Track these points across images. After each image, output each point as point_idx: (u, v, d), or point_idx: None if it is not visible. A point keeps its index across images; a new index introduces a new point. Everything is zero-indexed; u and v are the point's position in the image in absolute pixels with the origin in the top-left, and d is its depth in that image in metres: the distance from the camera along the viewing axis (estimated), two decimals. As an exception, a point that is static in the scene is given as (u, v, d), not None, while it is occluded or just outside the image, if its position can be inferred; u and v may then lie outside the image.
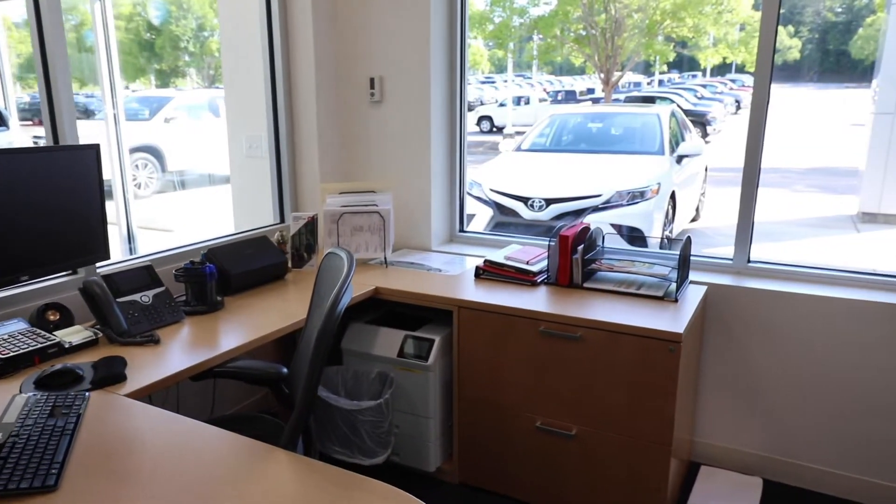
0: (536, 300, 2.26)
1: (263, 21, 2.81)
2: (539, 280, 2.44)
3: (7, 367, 1.66)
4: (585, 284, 2.39)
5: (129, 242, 4.10)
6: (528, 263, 2.49)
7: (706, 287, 2.41)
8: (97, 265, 2.16)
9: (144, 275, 2.10)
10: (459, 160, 3.02)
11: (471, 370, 2.33)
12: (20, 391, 1.56)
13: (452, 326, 2.35)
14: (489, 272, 2.50)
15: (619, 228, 4.79)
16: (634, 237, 4.83)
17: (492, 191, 5.20)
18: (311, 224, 2.66)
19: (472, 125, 13.75)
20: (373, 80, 2.89)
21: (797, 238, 6.47)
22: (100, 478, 1.22)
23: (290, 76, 2.88)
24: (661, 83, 16.21)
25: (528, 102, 13.93)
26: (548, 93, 15.43)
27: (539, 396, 2.23)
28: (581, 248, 2.38)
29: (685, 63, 15.75)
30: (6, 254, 1.77)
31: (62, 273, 2.07)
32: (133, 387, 1.60)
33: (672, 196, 5.26)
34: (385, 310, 2.67)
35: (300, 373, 1.63)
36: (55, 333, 1.82)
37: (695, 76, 16.91)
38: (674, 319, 2.07)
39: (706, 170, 6.73)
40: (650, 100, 11.41)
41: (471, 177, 5.32)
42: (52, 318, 1.90)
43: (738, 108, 13.96)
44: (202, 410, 2.60)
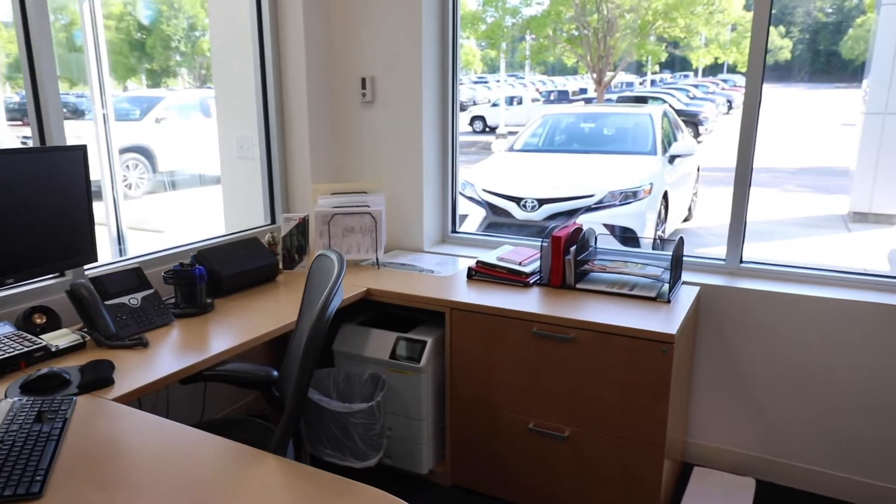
0: (529, 301, 2.25)
1: (254, 21, 2.80)
2: (531, 281, 2.43)
3: (-8, 372, 1.63)
4: (578, 285, 2.38)
5: (119, 244, 4.07)
6: (521, 264, 2.48)
7: (699, 288, 2.41)
8: (85, 267, 2.14)
9: (133, 277, 2.08)
10: (452, 161, 3.01)
11: (463, 372, 2.32)
12: (5, 396, 1.54)
13: (445, 328, 2.34)
14: (481, 273, 2.49)
15: (612, 229, 4.79)
16: (627, 237, 4.83)
17: (484, 191, 5.20)
18: (303, 225, 2.64)
19: (465, 125, 13.75)
20: (364, 81, 2.87)
21: (788, 238, 6.50)
22: (85, 484, 1.20)
23: (281, 76, 2.86)
24: (654, 83, 16.27)
25: (521, 102, 13.95)
26: (540, 93, 15.46)
27: (532, 398, 2.22)
28: (574, 249, 2.38)
29: (677, 63, 15.81)
30: (-8, 256, 1.75)
31: (49, 275, 2.05)
32: (121, 391, 1.58)
33: (664, 196, 5.27)
34: (377, 311, 2.66)
35: (291, 376, 1.62)
36: (42, 337, 1.80)
37: (687, 76, 16.99)
38: (666, 320, 2.06)
39: (698, 170, 6.75)
40: (642, 100, 11.44)
41: (463, 177, 5.31)
42: (39, 322, 1.88)
43: (730, 108, 14.03)
44: (192, 414, 2.58)
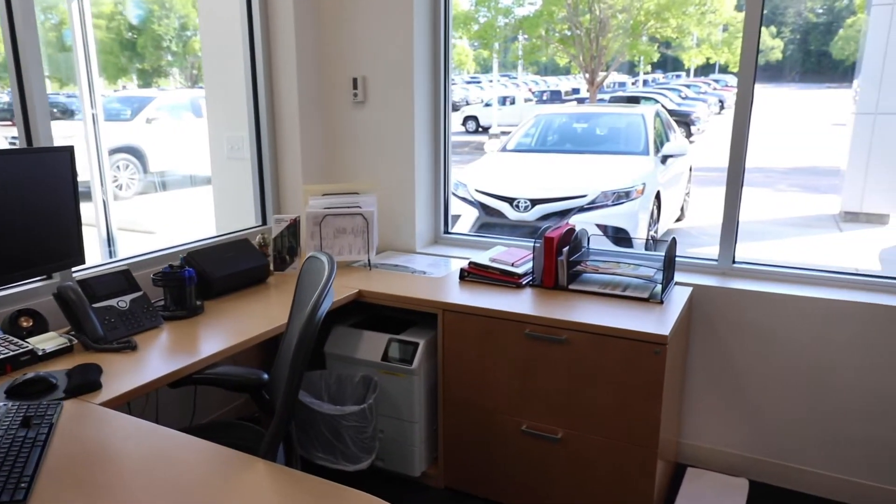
0: (522, 302, 2.24)
1: (244, 20, 2.77)
2: (524, 282, 2.42)
3: (-23, 376, 1.61)
4: (571, 286, 2.37)
5: (109, 245, 4.04)
6: (514, 265, 2.47)
7: (691, 288, 2.41)
8: (72, 270, 2.11)
9: (121, 279, 2.06)
10: (444, 161, 3.00)
11: (456, 373, 2.31)
12: (-10, 401, 1.51)
13: (437, 329, 2.32)
14: (474, 274, 2.48)
15: (605, 229, 4.79)
16: (620, 238, 4.83)
17: (477, 191, 5.19)
18: (294, 226, 2.62)
19: (458, 125, 13.75)
20: (356, 81, 2.86)
21: (780, 237, 6.52)
22: (71, 491, 1.18)
23: (272, 76, 2.84)
24: (646, 83, 16.32)
25: (514, 102, 13.97)
26: (533, 93, 15.48)
27: (525, 400, 2.21)
28: (566, 250, 2.37)
29: (669, 63, 15.86)
30: (-23, 259, 1.72)
31: (36, 278, 2.02)
32: (108, 395, 1.56)
33: (657, 196, 5.27)
34: (369, 313, 2.64)
35: (281, 379, 1.60)
36: (28, 340, 1.77)
37: (679, 76, 17.05)
38: (659, 321, 2.06)
39: (691, 170, 6.77)
40: (635, 100, 11.47)
41: (456, 177, 5.30)
42: (25, 325, 1.86)
43: (722, 108, 14.08)
44: (182, 418, 2.56)
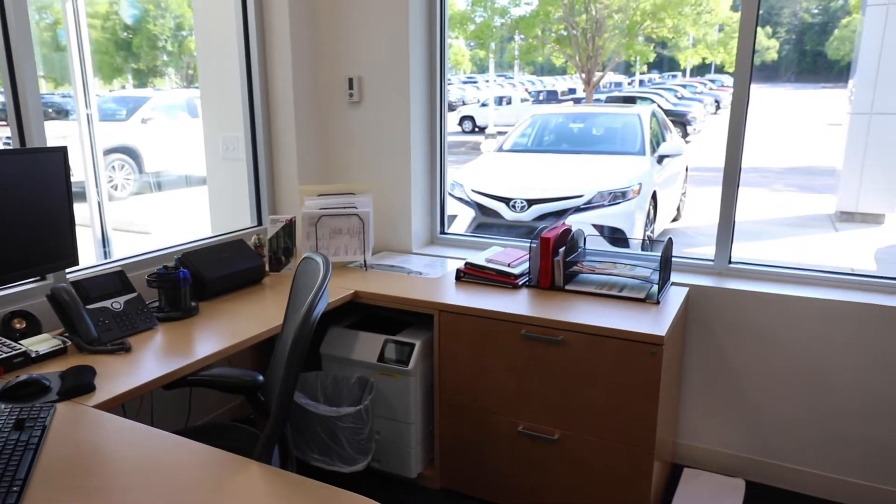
0: (518, 303, 2.23)
1: (239, 20, 2.76)
2: (520, 283, 2.42)
3: (-30, 379, 1.60)
4: (567, 287, 2.37)
5: (104, 246, 4.02)
6: (510, 266, 2.47)
7: (688, 288, 2.41)
8: (66, 271, 2.10)
9: (115, 280, 2.04)
10: (440, 161, 2.99)
11: (452, 374, 2.30)
12: (-17, 403, 1.50)
13: (433, 330, 2.32)
14: (470, 275, 2.47)
15: (601, 229, 4.78)
16: (616, 238, 4.83)
17: (473, 191, 5.18)
18: (289, 227, 2.62)
19: (454, 125, 13.74)
20: (351, 81, 2.85)
21: (776, 237, 6.53)
22: (64, 494, 1.17)
23: (267, 76, 2.83)
24: (642, 83, 16.33)
25: (510, 102, 13.95)
26: (529, 93, 15.48)
27: (521, 401, 2.21)
28: (563, 250, 2.36)
29: (665, 63, 15.88)
30: (-31, 260, 1.71)
31: (29, 279, 2.01)
32: (102, 397, 1.55)
33: (653, 196, 5.27)
34: (365, 314, 2.63)
35: (276, 380, 1.59)
36: (21, 342, 1.76)
37: (675, 76, 17.07)
38: (656, 322, 2.05)
39: (687, 170, 6.77)
40: (631, 100, 11.47)
41: (452, 177, 5.29)
42: (19, 327, 1.84)
43: (718, 108, 14.10)
44: (177, 419, 2.55)
